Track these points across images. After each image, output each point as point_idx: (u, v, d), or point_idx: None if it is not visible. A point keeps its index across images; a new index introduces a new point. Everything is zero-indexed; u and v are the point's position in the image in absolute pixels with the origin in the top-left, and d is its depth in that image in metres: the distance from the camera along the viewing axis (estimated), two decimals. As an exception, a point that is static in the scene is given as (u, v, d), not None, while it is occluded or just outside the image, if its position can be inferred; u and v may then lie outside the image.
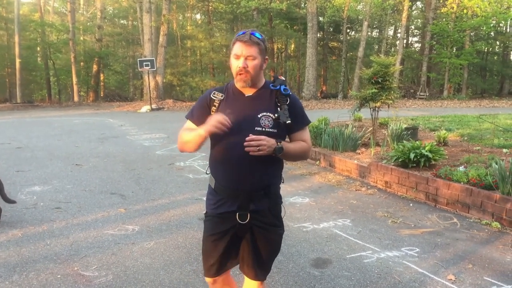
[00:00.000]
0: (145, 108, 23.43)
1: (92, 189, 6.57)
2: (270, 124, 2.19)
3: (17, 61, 29.54)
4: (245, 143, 2.09)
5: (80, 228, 4.83)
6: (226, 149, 2.23)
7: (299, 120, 2.29)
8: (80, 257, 4.03)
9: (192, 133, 2.23)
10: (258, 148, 2.08)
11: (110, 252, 4.17)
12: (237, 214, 2.26)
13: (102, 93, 37.57)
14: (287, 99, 2.23)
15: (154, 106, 23.91)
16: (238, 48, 2.18)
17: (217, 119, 2.08)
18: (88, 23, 40.61)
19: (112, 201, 5.95)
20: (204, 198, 6.07)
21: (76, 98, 32.07)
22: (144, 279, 3.60)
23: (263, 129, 2.17)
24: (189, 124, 2.34)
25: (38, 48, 36.12)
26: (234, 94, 2.29)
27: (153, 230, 4.79)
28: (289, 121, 2.17)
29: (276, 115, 2.19)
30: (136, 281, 3.56)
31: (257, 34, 2.20)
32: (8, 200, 5.16)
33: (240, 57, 2.17)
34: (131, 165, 8.42)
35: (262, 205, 2.28)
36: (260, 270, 2.40)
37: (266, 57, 2.26)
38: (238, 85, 2.24)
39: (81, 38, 38.48)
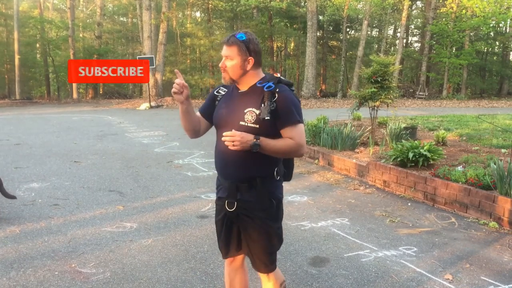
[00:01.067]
0: (144, 105, 23.41)
1: (90, 186, 6.56)
2: (253, 120, 2.28)
3: (16, 57, 29.49)
4: (222, 138, 2.23)
5: (78, 225, 4.83)
6: (217, 140, 2.42)
7: (283, 117, 2.28)
8: (78, 254, 4.03)
9: None
10: (232, 143, 2.19)
11: (108, 249, 4.17)
12: (226, 201, 2.40)
13: (101, 90, 37.49)
14: (274, 96, 2.28)
15: (153, 103, 23.88)
16: (222, 49, 2.36)
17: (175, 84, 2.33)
18: (88, 20, 40.53)
19: (110, 198, 5.95)
20: (203, 196, 6.09)
21: (75, 95, 32.04)
22: (142, 276, 3.60)
23: (246, 124, 2.28)
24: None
25: (38, 45, 36.03)
26: (233, 90, 2.46)
27: (151, 227, 4.79)
28: (267, 118, 2.24)
29: (258, 111, 2.28)
30: (134, 278, 3.56)
31: (241, 36, 2.31)
32: (8, 196, 5.15)
33: (223, 57, 2.36)
34: (129, 162, 8.42)
35: (249, 197, 2.37)
36: (257, 261, 2.46)
37: (250, 57, 2.32)
38: (223, 82, 2.42)
39: (81, 35, 38.40)
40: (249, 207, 2.37)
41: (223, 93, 2.49)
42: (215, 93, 2.53)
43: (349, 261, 3.93)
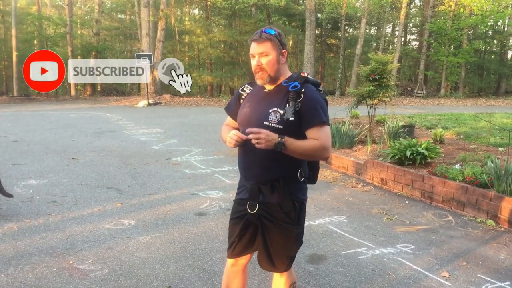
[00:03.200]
0: (142, 103, 23.37)
1: (88, 183, 6.56)
2: (277, 120, 2.23)
3: (14, 54, 29.40)
4: (249, 135, 2.16)
5: (76, 222, 4.83)
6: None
7: (309, 118, 2.23)
8: (76, 251, 4.04)
9: (224, 135, 2.49)
10: (256, 141, 2.12)
11: (106, 246, 4.18)
12: (248, 203, 2.37)
13: (99, 87, 37.44)
14: (300, 96, 2.24)
15: (151, 101, 23.85)
16: (252, 48, 2.29)
17: (231, 136, 2.25)
18: (86, 17, 40.44)
19: (108, 195, 5.95)
20: (201, 194, 6.09)
21: (73, 92, 31.95)
22: (140, 273, 3.61)
23: (270, 124, 2.23)
24: (227, 116, 2.60)
25: (35, 42, 35.87)
26: (257, 88, 2.43)
27: (149, 224, 4.80)
28: (292, 118, 2.18)
29: (282, 111, 2.23)
30: (132, 275, 3.57)
31: (270, 30, 2.28)
32: (5, 194, 5.15)
33: (255, 56, 2.29)
34: (127, 159, 8.41)
35: (271, 199, 2.32)
36: (271, 262, 2.42)
37: (284, 50, 2.31)
38: (258, 82, 2.34)
39: (79, 32, 38.24)
40: (271, 209, 2.33)
41: (248, 91, 2.46)
42: (240, 91, 2.51)
43: (347, 259, 3.94)
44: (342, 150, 8.32)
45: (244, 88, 2.49)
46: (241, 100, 2.47)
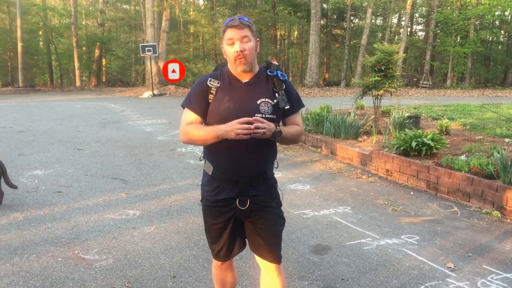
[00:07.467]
0: (147, 93, 23.39)
1: (94, 174, 6.58)
2: (270, 110, 2.19)
3: (19, 44, 29.44)
4: (254, 124, 2.05)
5: (81, 212, 4.85)
6: (223, 140, 2.15)
7: (295, 104, 2.34)
8: (81, 241, 4.05)
9: (206, 133, 2.18)
10: (263, 131, 2.07)
11: (110, 236, 4.19)
12: (237, 200, 2.28)
13: (104, 78, 37.49)
14: (283, 85, 2.26)
15: (156, 91, 23.86)
16: (230, 34, 2.14)
17: (240, 127, 2.06)
18: (90, 8, 40.38)
19: (113, 185, 5.96)
20: (205, 184, 5.98)
21: (78, 83, 32.01)
22: (144, 263, 3.62)
23: (263, 115, 2.16)
24: (188, 113, 2.27)
25: (40, 32, 35.95)
26: (230, 80, 2.24)
27: (154, 215, 4.81)
28: (287, 107, 2.22)
29: (275, 101, 2.21)
30: (137, 265, 3.58)
31: (245, 18, 2.20)
32: (10, 185, 5.17)
33: (235, 42, 2.13)
34: (132, 150, 8.43)
35: (260, 190, 2.31)
36: (272, 250, 2.39)
37: (258, 39, 2.24)
38: (239, 69, 2.17)
39: (83, 23, 38.29)
40: (262, 199, 2.31)
41: (217, 84, 2.22)
42: (208, 84, 2.23)
43: (351, 249, 3.93)
44: (347, 141, 8.29)
45: (211, 82, 2.23)
46: (210, 95, 2.22)
